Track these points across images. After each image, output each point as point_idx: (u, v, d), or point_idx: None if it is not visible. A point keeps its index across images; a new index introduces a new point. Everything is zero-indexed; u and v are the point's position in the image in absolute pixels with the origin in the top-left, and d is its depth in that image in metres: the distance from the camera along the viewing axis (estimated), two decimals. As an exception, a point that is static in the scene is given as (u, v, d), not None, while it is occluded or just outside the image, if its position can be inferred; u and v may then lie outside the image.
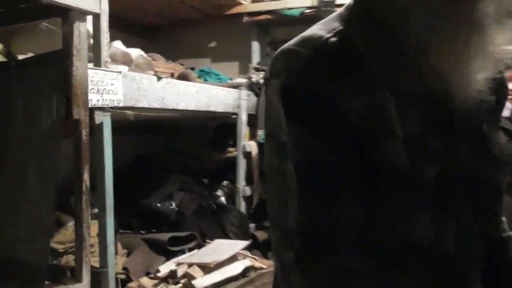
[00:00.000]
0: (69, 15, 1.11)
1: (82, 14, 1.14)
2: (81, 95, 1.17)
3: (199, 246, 1.98)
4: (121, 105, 1.56)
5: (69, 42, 1.11)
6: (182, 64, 2.60)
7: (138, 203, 2.24)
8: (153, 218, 2.19)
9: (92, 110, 1.42)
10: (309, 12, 2.55)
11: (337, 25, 0.59)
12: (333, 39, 0.58)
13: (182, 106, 1.92)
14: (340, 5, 2.44)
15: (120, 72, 1.56)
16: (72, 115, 1.13)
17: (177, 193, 2.28)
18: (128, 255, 1.92)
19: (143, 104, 1.67)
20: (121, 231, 2.11)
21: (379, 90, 0.56)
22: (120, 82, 1.55)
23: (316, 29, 0.61)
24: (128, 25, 3.01)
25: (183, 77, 2.08)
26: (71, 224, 1.89)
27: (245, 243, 1.77)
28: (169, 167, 2.66)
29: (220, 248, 1.72)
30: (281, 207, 0.66)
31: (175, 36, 3.23)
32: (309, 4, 2.55)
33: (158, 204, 2.18)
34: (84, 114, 1.18)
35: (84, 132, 1.18)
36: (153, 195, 2.26)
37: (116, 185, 2.39)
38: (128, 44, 1.97)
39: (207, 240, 2.03)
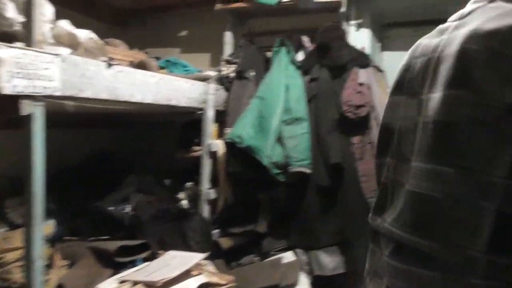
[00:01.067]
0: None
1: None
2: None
3: (155, 256, 1.76)
4: (58, 94, 1.33)
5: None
6: (146, 53, 2.37)
7: (90, 205, 2.01)
8: (105, 223, 1.96)
9: (17, 99, 1.20)
10: (287, 2, 2.35)
11: None
12: None
13: (137, 98, 1.70)
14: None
15: (57, 54, 1.32)
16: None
17: (134, 195, 2.06)
18: (71, 266, 1.69)
19: (87, 94, 1.44)
20: (65, 238, 1.88)
21: None
22: (58, 67, 1.32)
23: None
24: (93, 8, 2.76)
25: (141, 66, 1.85)
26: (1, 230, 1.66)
27: (201, 256, 1.56)
28: (129, 165, 2.43)
29: (172, 261, 1.51)
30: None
31: (144, 22, 3.00)
32: (287, -7, 2.35)
33: (111, 208, 1.95)
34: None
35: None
36: (107, 196, 2.04)
37: (66, 185, 2.17)
38: (91, 29, 1.74)
39: (165, 249, 1.82)
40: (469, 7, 0.77)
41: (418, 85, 0.78)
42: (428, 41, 0.81)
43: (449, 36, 0.74)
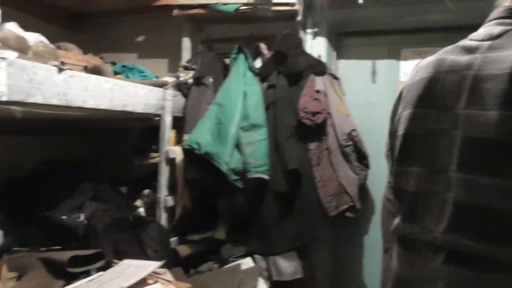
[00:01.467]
0: None
1: None
2: None
3: (109, 265, 1.71)
4: (3, 99, 1.27)
5: None
6: (101, 58, 2.31)
7: (41, 215, 1.93)
8: (58, 233, 1.89)
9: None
10: (245, 9, 2.37)
11: None
12: None
13: (91, 104, 1.65)
14: (278, 4, 2.32)
15: (3, 58, 1.27)
16: None
17: (88, 203, 1.99)
18: (20, 278, 1.61)
19: (37, 99, 1.39)
20: (14, 249, 1.79)
21: None
22: (4, 71, 1.27)
23: None
24: (47, 11, 2.68)
25: (95, 70, 1.81)
26: None
27: (156, 264, 1.53)
28: (84, 173, 2.35)
29: (127, 270, 1.47)
30: None
31: (100, 27, 2.93)
32: (245, 0, 2.37)
33: (64, 217, 1.88)
34: None
35: None
36: (59, 205, 1.96)
37: (16, 195, 2.08)
38: (45, 33, 1.69)
39: (121, 258, 1.78)
40: (495, 28, 0.82)
41: (451, 100, 0.82)
42: (455, 57, 0.85)
43: (485, 56, 0.79)
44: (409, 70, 2.11)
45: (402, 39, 2.56)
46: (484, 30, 0.85)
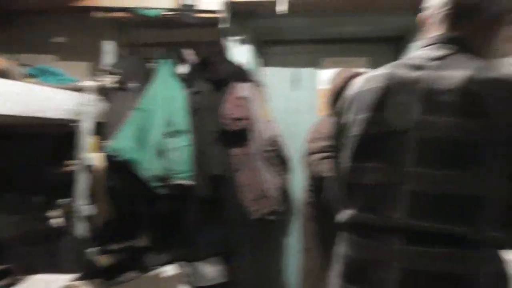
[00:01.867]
0: None
1: None
2: None
3: (18, 282, 1.61)
4: None
5: None
6: (15, 59, 2.17)
7: None
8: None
9: None
10: (169, 14, 2.35)
11: None
12: None
13: (1, 110, 1.55)
14: (202, 11, 2.33)
15: None
16: None
17: (-3, 215, 1.86)
18: None
19: None
20: None
21: None
22: None
23: None
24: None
25: (3, 74, 1.70)
26: None
27: (68, 277, 1.47)
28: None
29: (37, 286, 1.40)
30: None
31: (14, 26, 2.74)
32: (169, 6, 2.35)
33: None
34: None
35: None
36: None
37: None
38: None
39: (33, 273, 1.68)
40: (438, 52, 0.99)
41: (407, 107, 0.95)
42: (405, 72, 0.99)
43: (435, 73, 0.95)
44: (329, 78, 2.22)
45: (323, 49, 2.69)
46: (426, 52, 1.01)
